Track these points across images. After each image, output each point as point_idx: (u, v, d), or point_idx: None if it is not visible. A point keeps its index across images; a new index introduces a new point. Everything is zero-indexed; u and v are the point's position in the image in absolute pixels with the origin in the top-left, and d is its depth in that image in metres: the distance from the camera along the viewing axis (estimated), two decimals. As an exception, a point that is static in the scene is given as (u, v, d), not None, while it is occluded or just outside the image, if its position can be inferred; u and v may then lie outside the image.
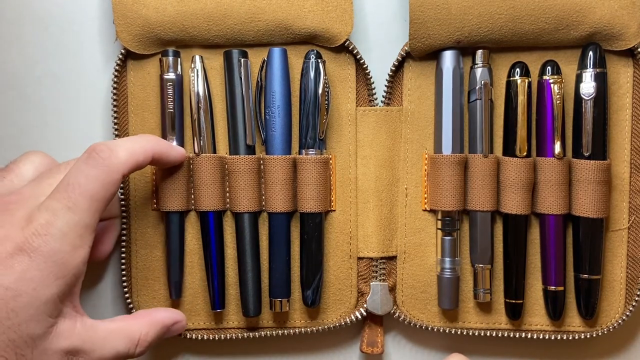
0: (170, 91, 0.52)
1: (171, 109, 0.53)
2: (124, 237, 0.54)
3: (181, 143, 0.53)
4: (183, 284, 0.55)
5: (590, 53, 0.52)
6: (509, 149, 0.53)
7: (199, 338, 0.54)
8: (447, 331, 0.55)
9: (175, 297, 0.54)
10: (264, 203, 0.54)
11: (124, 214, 0.54)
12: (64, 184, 0.43)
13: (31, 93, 0.56)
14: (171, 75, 0.52)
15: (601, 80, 0.51)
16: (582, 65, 0.52)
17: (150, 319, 0.49)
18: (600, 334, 0.54)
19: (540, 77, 0.52)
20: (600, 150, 0.52)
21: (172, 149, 0.51)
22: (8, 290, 0.40)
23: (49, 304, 0.42)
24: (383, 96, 0.55)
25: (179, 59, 0.53)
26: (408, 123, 0.54)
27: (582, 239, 0.53)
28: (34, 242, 0.41)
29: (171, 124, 0.53)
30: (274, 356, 0.58)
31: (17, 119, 0.56)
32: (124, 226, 0.54)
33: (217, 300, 0.54)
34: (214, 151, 0.54)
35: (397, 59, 0.54)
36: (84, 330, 0.44)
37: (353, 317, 0.54)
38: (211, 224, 0.53)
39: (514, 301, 0.54)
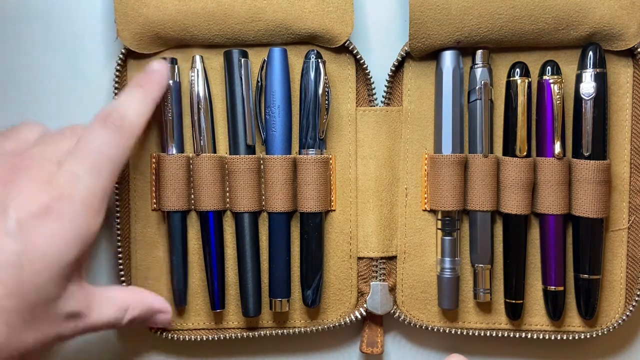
0: (168, 98, 0.52)
1: (170, 116, 0.53)
2: (119, 237, 0.54)
3: (181, 146, 0.53)
4: (187, 289, 0.55)
5: (590, 53, 0.52)
6: (509, 149, 0.53)
7: (199, 338, 0.54)
8: (447, 331, 0.55)
9: (180, 304, 0.54)
10: (264, 203, 0.54)
11: (125, 214, 0.54)
12: (83, 149, 0.44)
13: (31, 92, 0.56)
14: (169, 83, 0.52)
15: (601, 81, 0.52)
16: (582, 65, 0.52)
17: (142, 297, 0.50)
18: (600, 334, 0.54)
19: (540, 77, 0.52)
20: (600, 150, 0.52)
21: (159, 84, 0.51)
22: (36, 251, 0.40)
23: (69, 267, 0.42)
24: (383, 96, 0.55)
25: (176, 66, 0.53)
26: (408, 123, 0.54)
27: (582, 239, 0.53)
28: (61, 206, 0.41)
29: (171, 132, 0.53)
30: (274, 356, 0.57)
31: (17, 118, 0.56)
32: (125, 226, 0.54)
33: (217, 300, 0.54)
34: (214, 151, 0.54)
35: (397, 59, 0.54)
36: (85, 294, 0.44)
37: (353, 317, 0.54)
38: (211, 223, 0.53)
39: (514, 301, 0.54)
